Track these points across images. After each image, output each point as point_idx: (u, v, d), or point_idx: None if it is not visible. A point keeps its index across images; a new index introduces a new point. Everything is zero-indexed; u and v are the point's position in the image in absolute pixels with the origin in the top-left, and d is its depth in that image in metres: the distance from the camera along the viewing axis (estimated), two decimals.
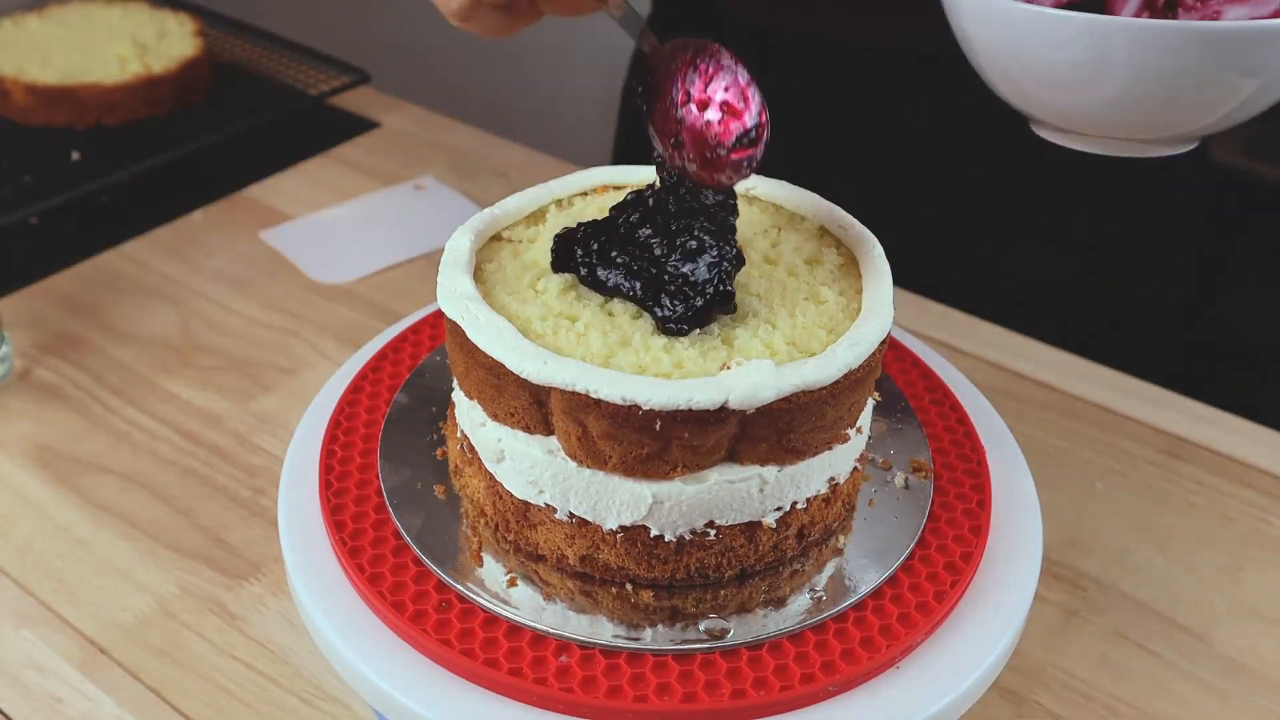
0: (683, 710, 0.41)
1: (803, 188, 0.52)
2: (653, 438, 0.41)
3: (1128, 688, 0.56)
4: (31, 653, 0.56)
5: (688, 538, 0.44)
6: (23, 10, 1.05)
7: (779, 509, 0.45)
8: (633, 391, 0.40)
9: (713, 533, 0.44)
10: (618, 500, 0.43)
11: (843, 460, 0.46)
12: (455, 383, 0.48)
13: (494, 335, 0.42)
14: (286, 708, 0.54)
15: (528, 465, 0.44)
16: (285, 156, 0.99)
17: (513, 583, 0.45)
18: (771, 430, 0.42)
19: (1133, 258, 0.86)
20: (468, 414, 0.47)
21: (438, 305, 0.45)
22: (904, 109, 0.81)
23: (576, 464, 0.43)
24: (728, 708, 0.41)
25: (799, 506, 0.45)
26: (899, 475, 0.50)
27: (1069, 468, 0.68)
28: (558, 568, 0.46)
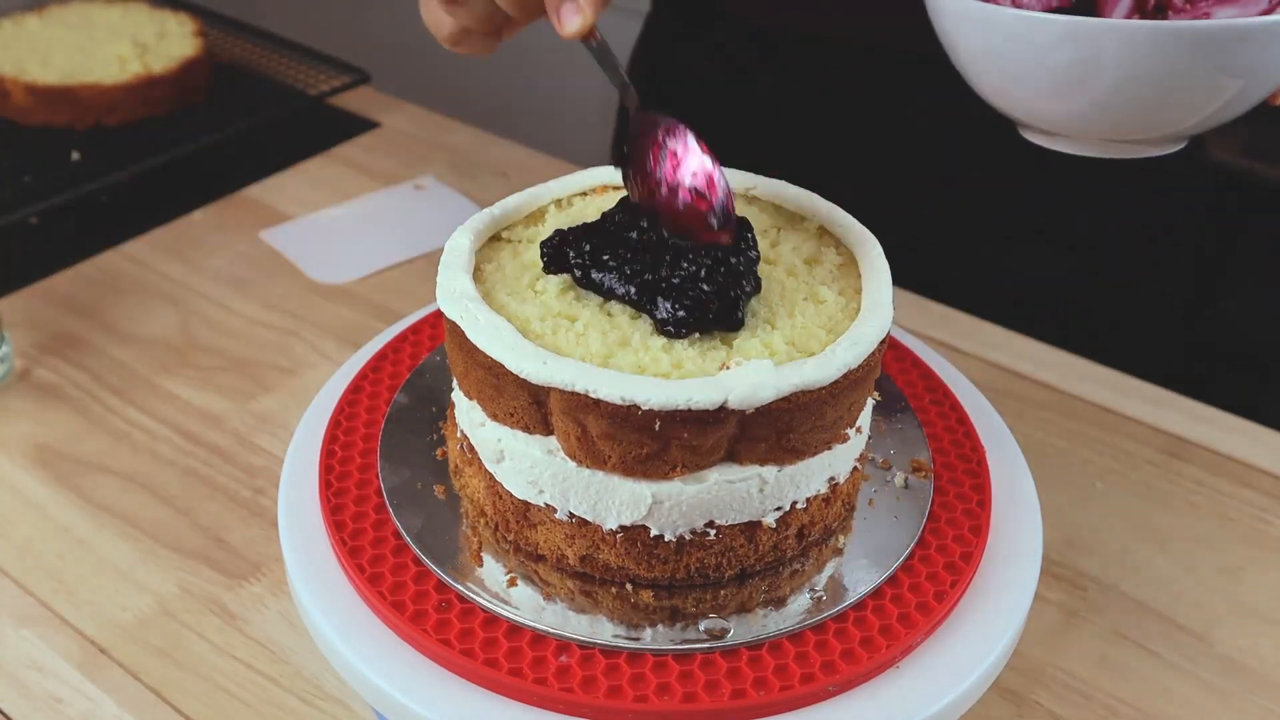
0: (683, 710, 0.41)
1: (803, 188, 0.52)
2: (652, 438, 0.41)
3: (1128, 688, 0.56)
4: (31, 653, 0.56)
5: (688, 538, 0.44)
6: (23, 10, 1.05)
7: (779, 509, 0.45)
8: (632, 391, 0.40)
9: (713, 533, 0.44)
10: (618, 500, 0.43)
11: (842, 460, 0.46)
12: (455, 383, 0.48)
13: (493, 335, 0.42)
14: (286, 708, 0.54)
15: (527, 465, 0.44)
16: (285, 156, 0.99)
17: (513, 583, 0.45)
18: (771, 430, 0.42)
19: (1133, 258, 0.86)
20: (467, 414, 0.47)
21: (438, 305, 0.45)
22: (904, 109, 0.81)
23: (576, 464, 0.43)
24: (728, 708, 0.41)
25: (799, 506, 0.45)
26: (899, 475, 0.50)
27: (1069, 468, 0.68)
28: (558, 568, 0.46)
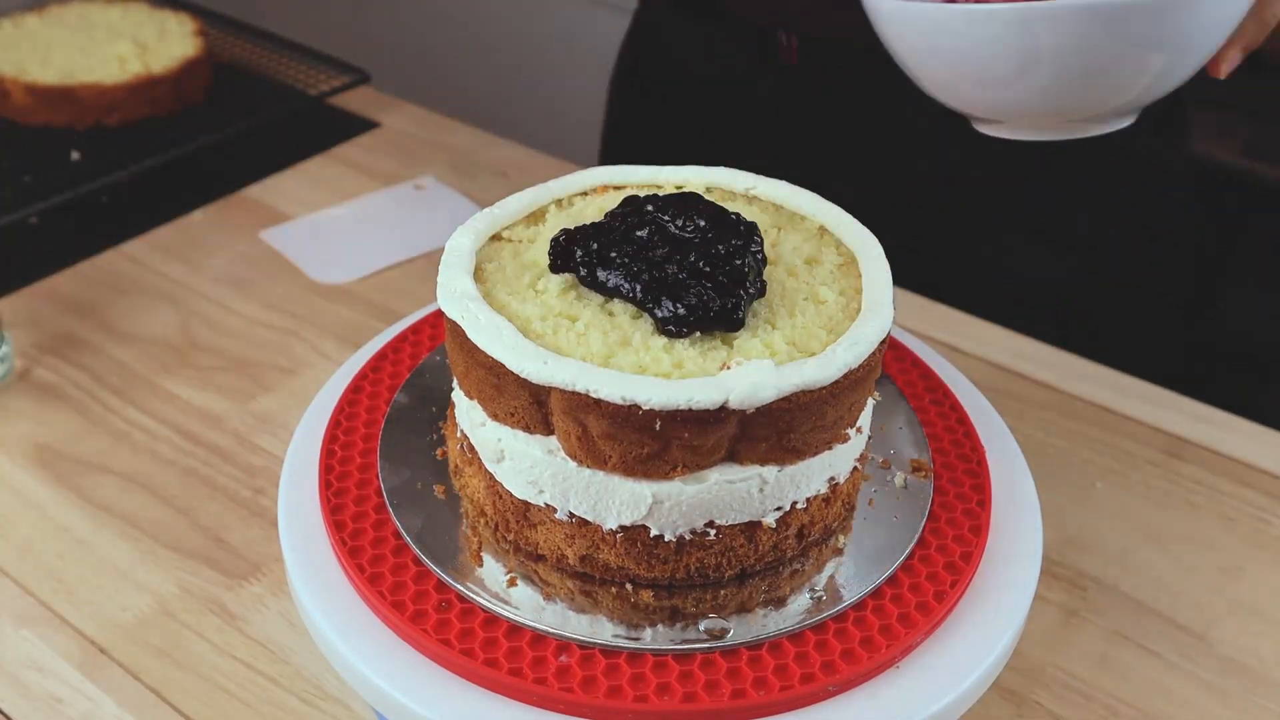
0: (683, 710, 0.41)
1: (803, 188, 0.52)
2: (653, 438, 0.41)
3: (1128, 688, 0.56)
4: (31, 653, 0.56)
5: (688, 538, 0.44)
6: (23, 10, 1.05)
7: (779, 509, 0.45)
8: (633, 391, 0.40)
9: (713, 533, 0.44)
10: (618, 500, 0.43)
11: (843, 460, 0.46)
12: (455, 383, 0.48)
13: (494, 335, 0.42)
14: (286, 708, 0.54)
15: (528, 465, 0.44)
16: (285, 156, 0.99)
17: (513, 583, 0.45)
18: (771, 430, 0.42)
19: (1133, 258, 0.86)
20: (468, 414, 0.47)
21: (438, 305, 0.45)
22: (904, 109, 0.81)
23: (576, 464, 0.43)
24: (728, 708, 0.41)
25: (799, 506, 0.45)
26: (899, 475, 0.50)
27: (1069, 468, 0.68)
28: (558, 568, 0.46)
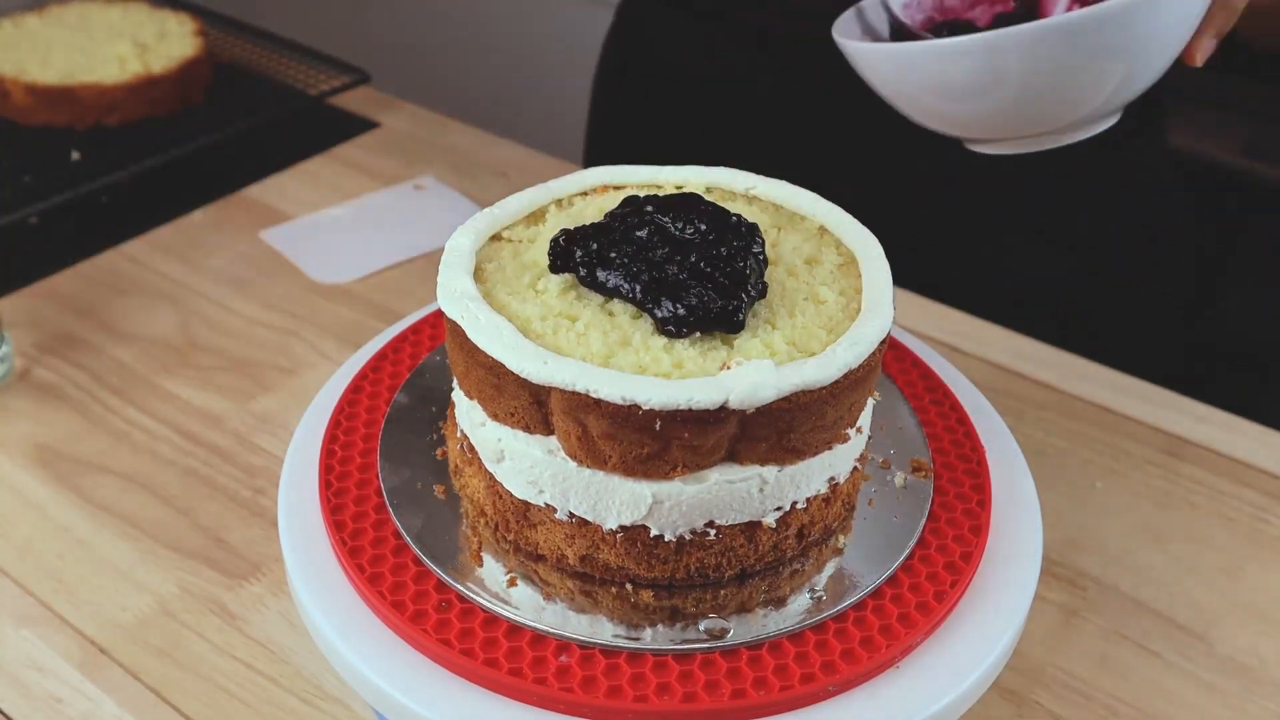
0: (683, 710, 0.41)
1: (803, 188, 0.52)
2: (653, 438, 0.41)
3: (1128, 688, 0.56)
4: (31, 653, 0.56)
5: (688, 538, 0.44)
6: (23, 10, 1.05)
7: (779, 509, 0.45)
8: (633, 391, 0.40)
9: (713, 533, 0.44)
10: (618, 500, 0.43)
11: (843, 460, 0.46)
12: (455, 382, 0.48)
13: (494, 335, 0.42)
14: (286, 708, 0.54)
15: (528, 465, 0.44)
16: (285, 156, 0.99)
17: (513, 583, 0.45)
18: (771, 430, 0.42)
19: (1133, 258, 0.86)
20: (468, 414, 0.47)
21: (438, 305, 0.45)
22: None
23: (576, 464, 0.43)
24: (728, 708, 0.41)
25: (799, 506, 0.45)
26: (899, 475, 0.50)
27: (1069, 468, 0.68)
28: (558, 568, 0.46)
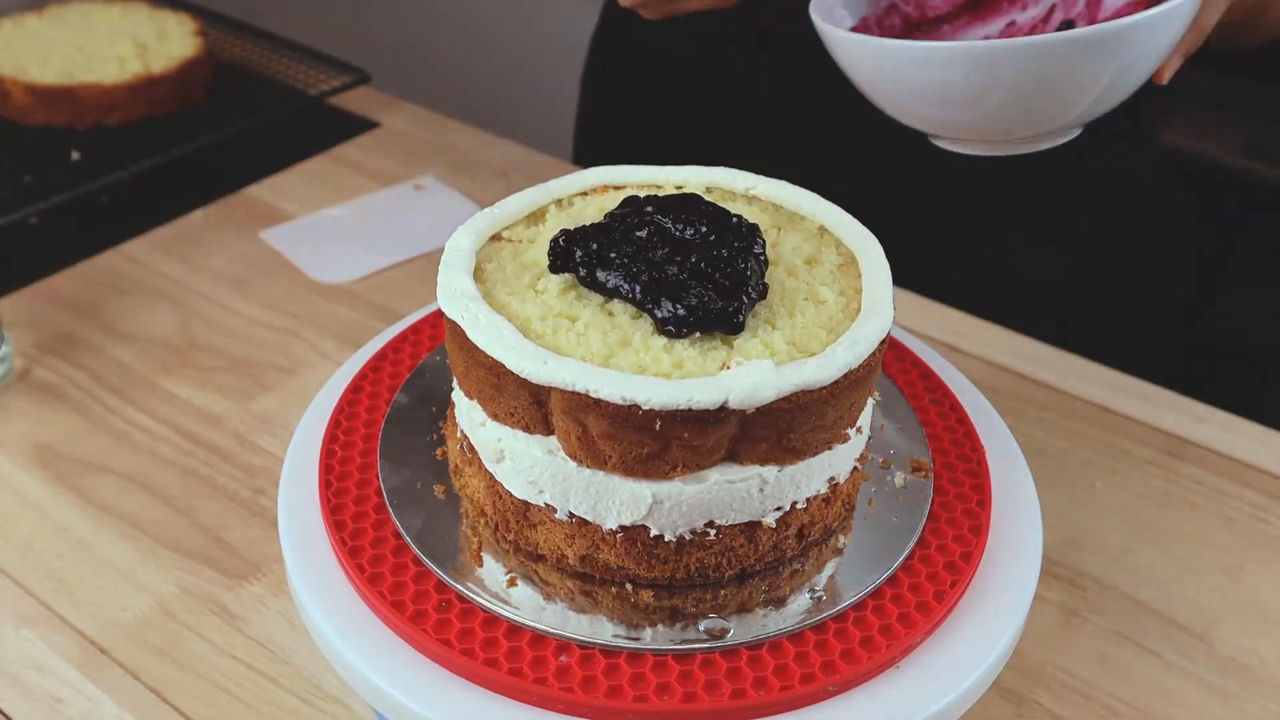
0: (683, 710, 0.41)
1: (803, 188, 0.52)
2: (653, 438, 0.41)
3: (1128, 688, 0.56)
4: (31, 653, 0.56)
5: (688, 538, 0.44)
6: (23, 10, 1.05)
7: (779, 509, 0.45)
8: (633, 391, 0.40)
9: (713, 533, 0.44)
10: (618, 500, 0.43)
11: (843, 460, 0.46)
12: (455, 382, 0.48)
13: (494, 335, 0.42)
14: (286, 708, 0.54)
15: (528, 465, 0.44)
16: (285, 156, 0.99)
17: (513, 583, 0.45)
18: (771, 430, 0.42)
19: (1133, 258, 0.86)
20: (468, 414, 0.47)
21: (438, 305, 0.45)
22: None
23: (576, 464, 0.43)
24: (728, 708, 0.41)
25: (799, 506, 0.45)
26: (899, 475, 0.50)
27: (1069, 468, 0.68)
28: (558, 568, 0.46)
